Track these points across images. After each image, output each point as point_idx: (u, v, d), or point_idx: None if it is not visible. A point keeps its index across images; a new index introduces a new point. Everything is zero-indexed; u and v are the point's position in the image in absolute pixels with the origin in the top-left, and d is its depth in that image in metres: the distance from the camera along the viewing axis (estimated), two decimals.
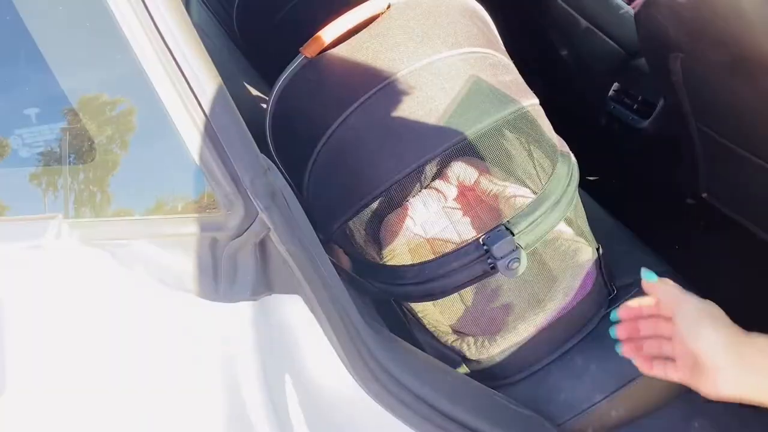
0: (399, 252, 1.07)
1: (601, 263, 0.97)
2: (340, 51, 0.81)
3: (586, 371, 0.95)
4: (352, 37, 0.81)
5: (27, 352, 0.66)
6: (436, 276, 0.82)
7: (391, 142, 0.79)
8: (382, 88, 0.78)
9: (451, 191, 1.15)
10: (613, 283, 1.01)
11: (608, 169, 1.50)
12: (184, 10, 0.56)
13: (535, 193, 1.02)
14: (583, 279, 0.93)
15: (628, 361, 0.59)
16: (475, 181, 1.12)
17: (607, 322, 1.01)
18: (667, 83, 1.13)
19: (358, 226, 0.97)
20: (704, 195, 1.28)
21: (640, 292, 0.60)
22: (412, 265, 0.84)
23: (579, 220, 0.97)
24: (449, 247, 0.94)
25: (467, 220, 1.13)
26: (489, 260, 0.78)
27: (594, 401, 0.93)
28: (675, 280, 0.58)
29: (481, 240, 0.79)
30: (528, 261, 0.79)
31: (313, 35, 0.81)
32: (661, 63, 1.13)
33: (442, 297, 0.89)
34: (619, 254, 1.06)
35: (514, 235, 0.78)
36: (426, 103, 0.77)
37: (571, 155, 0.92)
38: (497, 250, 0.77)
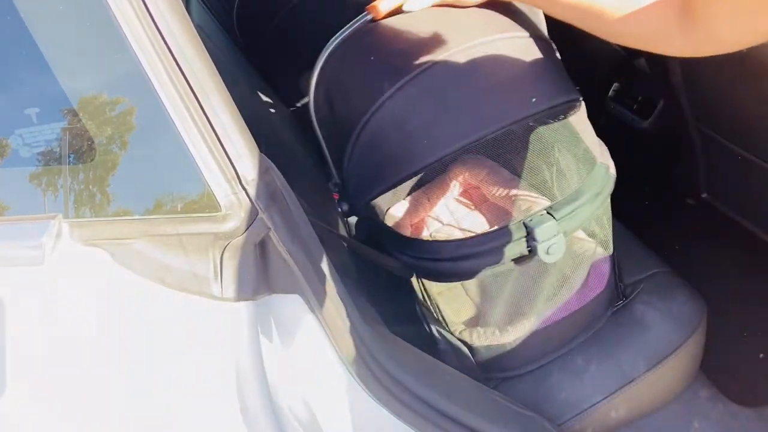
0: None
1: (615, 265, 0.97)
2: (403, 18, 0.79)
3: (586, 371, 0.95)
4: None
5: (27, 353, 0.66)
6: (472, 254, 0.81)
7: (450, 112, 0.76)
8: (443, 60, 0.75)
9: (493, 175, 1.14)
10: (622, 285, 1.01)
11: None
12: (185, 10, 0.56)
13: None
14: (598, 279, 0.94)
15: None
16: (518, 167, 1.11)
17: (611, 322, 1.02)
18: (667, 83, 1.13)
19: (400, 194, 0.95)
20: (704, 195, 1.28)
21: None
22: (450, 241, 0.83)
23: (606, 218, 0.96)
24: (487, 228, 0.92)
25: (505, 204, 1.12)
26: (529, 243, 0.78)
27: (594, 401, 0.93)
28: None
29: (524, 222, 0.78)
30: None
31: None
32: (660, 63, 1.13)
33: (469, 278, 0.87)
34: (619, 254, 1.06)
35: (557, 220, 0.78)
36: (485, 79, 0.76)
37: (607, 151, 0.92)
38: (540, 233, 0.77)
